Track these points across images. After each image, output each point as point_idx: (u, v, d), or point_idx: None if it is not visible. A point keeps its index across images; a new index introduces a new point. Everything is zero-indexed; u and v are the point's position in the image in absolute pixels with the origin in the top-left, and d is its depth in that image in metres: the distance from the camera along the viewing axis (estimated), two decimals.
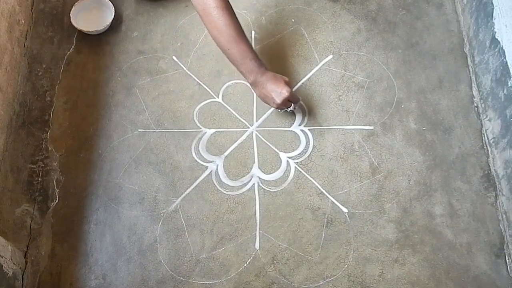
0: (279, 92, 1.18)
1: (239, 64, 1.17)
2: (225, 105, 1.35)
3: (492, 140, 1.24)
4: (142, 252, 1.18)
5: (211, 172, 1.26)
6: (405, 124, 1.30)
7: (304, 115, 1.32)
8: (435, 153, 1.26)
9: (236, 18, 1.15)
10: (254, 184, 1.25)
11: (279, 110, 1.29)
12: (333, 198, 1.22)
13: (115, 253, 1.18)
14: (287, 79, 1.21)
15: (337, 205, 1.21)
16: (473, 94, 1.33)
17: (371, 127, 1.30)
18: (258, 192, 1.24)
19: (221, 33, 1.13)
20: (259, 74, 1.18)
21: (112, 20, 1.42)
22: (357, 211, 1.21)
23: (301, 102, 1.30)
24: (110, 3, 1.43)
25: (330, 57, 1.39)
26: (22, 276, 1.15)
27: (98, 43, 1.43)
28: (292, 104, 1.23)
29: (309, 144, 1.28)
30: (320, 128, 1.31)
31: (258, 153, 1.28)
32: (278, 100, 1.18)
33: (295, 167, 1.26)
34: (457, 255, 1.16)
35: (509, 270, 1.14)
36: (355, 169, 1.25)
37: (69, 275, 1.17)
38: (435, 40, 1.41)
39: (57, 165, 1.28)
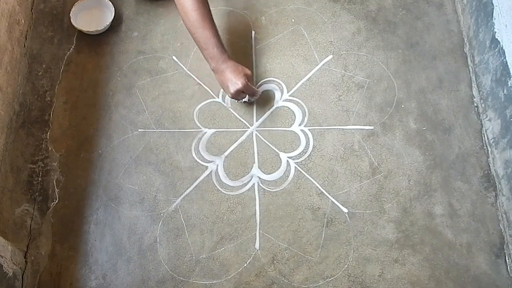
0: (234, 82, 1.21)
1: (203, 49, 1.22)
2: (225, 105, 1.35)
3: (492, 140, 1.24)
4: (142, 252, 1.18)
5: (211, 172, 1.26)
6: (405, 124, 1.30)
7: (304, 115, 1.32)
8: (435, 153, 1.26)
9: (207, 5, 1.20)
10: (254, 184, 1.25)
11: (236, 101, 1.31)
12: (333, 198, 1.22)
13: (115, 253, 1.18)
14: (248, 72, 1.25)
15: (337, 205, 1.22)
16: (473, 94, 1.33)
17: (371, 127, 1.30)
18: (258, 192, 1.24)
19: (187, 17, 1.18)
20: (220, 61, 1.22)
21: (112, 20, 1.42)
22: (357, 211, 1.21)
23: (257, 95, 1.31)
24: (110, 3, 1.43)
25: (330, 57, 1.39)
26: (22, 276, 1.15)
27: (98, 43, 1.43)
28: (247, 96, 1.26)
29: (309, 144, 1.29)
30: (320, 128, 1.31)
31: (258, 153, 1.28)
32: (232, 90, 1.22)
33: (295, 167, 1.26)
34: (457, 255, 1.16)
35: (509, 270, 1.14)
36: (355, 169, 1.25)
37: (69, 275, 1.17)
38: (435, 40, 1.41)
39: (57, 165, 1.28)
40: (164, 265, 1.17)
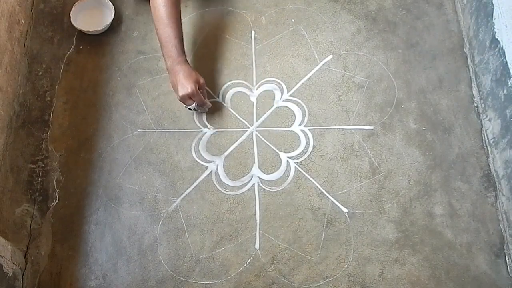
0: (184, 86, 1.21)
1: (162, 46, 1.23)
2: (225, 105, 1.35)
3: (492, 140, 1.24)
4: (142, 252, 1.18)
5: (211, 172, 1.26)
6: (405, 124, 1.30)
7: (304, 115, 1.32)
8: (435, 153, 1.26)
9: (177, 4, 1.22)
10: (254, 184, 1.25)
11: (184, 106, 1.28)
12: (333, 198, 1.22)
13: (115, 253, 1.18)
14: (201, 80, 1.25)
15: (337, 205, 1.21)
16: (473, 94, 1.33)
17: (371, 127, 1.30)
18: (258, 192, 1.24)
19: (155, 11, 1.21)
20: (176, 62, 1.22)
21: (112, 20, 1.42)
22: (357, 211, 1.21)
23: (206, 107, 1.29)
24: (110, 3, 1.43)
25: (330, 57, 1.39)
26: (22, 276, 1.15)
27: (98, 43, 1.43)
28: (195, 104, 1.24)
29: (309, 144, 1.29)
30: (320, 128, 1.31)
31: (258, 153, 1.28)
32: (180, 93, 1.21)
33: (295, 167, 1.26)
34: (457, 255, 1.16)
35: (509, 270, 1.14)
36: (355, 169, 1.25)
37: (69, 275, 1.17)
38: (435, 40, 1.41)
39: (57, 165, 1.28)
40: (164, 265, 1.17)
